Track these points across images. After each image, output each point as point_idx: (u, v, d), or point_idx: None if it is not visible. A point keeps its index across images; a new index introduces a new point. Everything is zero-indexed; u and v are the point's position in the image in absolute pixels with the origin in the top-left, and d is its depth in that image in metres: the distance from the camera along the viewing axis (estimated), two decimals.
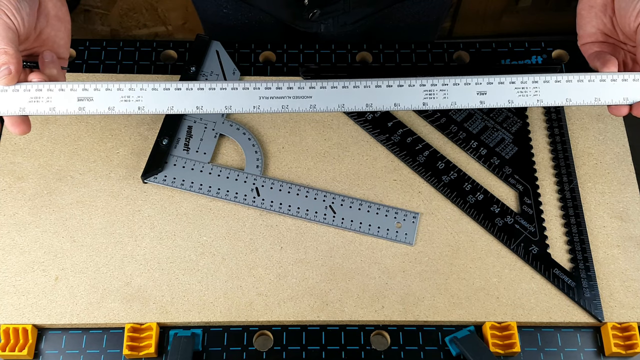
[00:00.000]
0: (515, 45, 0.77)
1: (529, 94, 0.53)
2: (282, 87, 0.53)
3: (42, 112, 0.52)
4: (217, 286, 0.63)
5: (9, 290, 0.62)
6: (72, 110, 0.52)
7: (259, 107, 0.53)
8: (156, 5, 1.48)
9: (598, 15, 0.55)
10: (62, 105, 0.52)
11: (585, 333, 0.63)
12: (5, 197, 0.66)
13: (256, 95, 0.53)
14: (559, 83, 0.53)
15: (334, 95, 0.53)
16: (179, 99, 0.53)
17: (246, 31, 0.83)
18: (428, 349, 0.62)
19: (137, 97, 0.53)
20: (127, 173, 0.68)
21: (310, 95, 0.53)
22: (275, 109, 0.53)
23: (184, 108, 0.53)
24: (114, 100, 0.53)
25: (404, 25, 0.84)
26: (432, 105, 0.53)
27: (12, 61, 0.50)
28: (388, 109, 0.54)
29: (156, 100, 0.53)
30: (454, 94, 0.53)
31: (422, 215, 0.67)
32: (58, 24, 0.55)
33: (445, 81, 0.53)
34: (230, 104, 0.53)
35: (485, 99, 0.53)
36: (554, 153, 0.71)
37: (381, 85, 0.54)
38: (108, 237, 0.65)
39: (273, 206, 0.67)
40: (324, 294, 0.64)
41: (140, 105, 0.53)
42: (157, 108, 0.53)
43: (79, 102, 0.53)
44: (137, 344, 0.61)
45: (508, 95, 0.53)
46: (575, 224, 0.67)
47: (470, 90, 0.53)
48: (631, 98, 0.53)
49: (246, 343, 0.62)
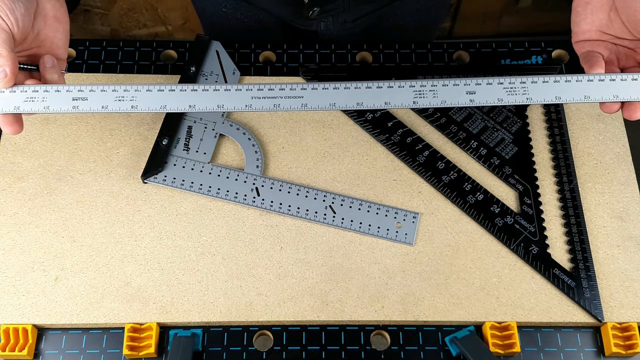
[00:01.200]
0: (515, 45, 0.77)
1: (518, 93, 0.54)
2: (274, 88, 0.54)
3: (36, 110, 0.52)
4: (217, 286, 0.63)
5: (9, 290, 0.62)
6: (66, 109, 0.53)
7: (251, 105, 0.54)
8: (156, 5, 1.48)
9: (594, 12, 0.55)
10: (57, 104, 0.53)
11: (585, 333, 0.63)
12: (5, 197, 0.66)
13: (248, 95, 0.54)
14: (547, 83, 0.54)
15: (325, 95, 0.54)
16: (172, 99, 0.54)
17: (246, 31, 0.83)
18: (428, 349, 0.62)
19: (131, 97, 0.54)
20: (127, 173, 0.68)
21: (301, 95, 0.54)
22: (267, 107, 0.54)
23: (176, 107, 0.54)
24: (108, 99, 0.53)
25: (404, 23, 0.84)
26: (422, 103, 0.54)
27: (7, 63, 0.50)
28: (379, 107, 0.54)
29: (149, 100, 0.54)
30: (443, 94, 0.54)
31: (422, 215, 0.67)
32: (56, 25, 0.55)
33: (435, 82, 0.54)
34: (223, 103, 0.54)
35: (474, 97, 0.54)
36: (554, 153, 0.71)
37: (371, 86, 0.55)
38: (108, 237, 0.65)
39: (273, 206, 0.67)
40: (324, 294, 0.64)
41: (134, 105, 0.53)
42: (150, 106, 0.54)
43: (73, 102, 0.53)
44: (137, 344, 0.61)
45: (497, 94, 0.54)
46: (575, 224, 0.67)
47: (459, 90, 0.54)
48: (621, 96, 0.53)
49: (246, 343, 0.62)
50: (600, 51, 0.55)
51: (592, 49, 0.55)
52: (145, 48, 0.76)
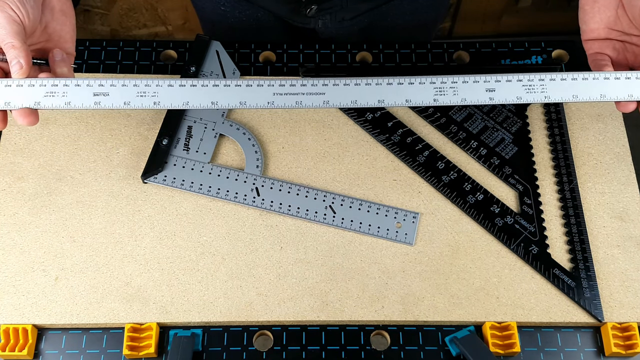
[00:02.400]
0: (515, 45, 0.77)
1: (537, 91, 0.54)
2: (295, 84, 0.54)
3: (57, 106, 0.52)
4: (217, 286, 0.63)
5: (9, 290, 0.62)
6: (88, 105, 0.52)
7: (273, 102, 0.54)
8: (156, 5, 1.48)
9: (602, 9, 0.55)
10: (78, 100, 0.52)
11: (585, 333, 0.63)
12: (5, 197, 0.66)
13: (270, 91, 0.54)
14: (565, 81, 0.54)
15: (346, 91, 0.54)
16: (194, 95, 0.53)
17: (244, 29, 0.83)
18: (428, 349, 0.62)
19: (153, 92, 0.53)
20: (127, 173, 0.68)
21: (323, 92, 0.54)
22: (289, 104, 0.54)
23: (199, 103, 0.53)
24: (130, 95, 0.53)
25: (402, 22, 0.84)
26: (443, 101, 0.54)
27: (21, 55, 0.50)
28: (400, 104, 0.54)
29: (171, 96, 0.53)
30: (464, 91, 0.54)
31: (422, 215, 0.67)
32: (63, 18, 0.56)
33: (455, 79, 0.55)
34: (245, 100, 0.54)
35: (494, 95, 0.54)
36: (554, 153, 0.71)
37: (392, 82, 0.54)
38: (108, 237, 0.65)
39: (273, 206, 0.67)
40: (324, 294, 0.64)
41: (156, 100, 0.53)
42: (173, 103, 0.53)
43: (94, 97, 0.53)
44: (137, 344, 0.61)
45: (516, 92, 0.54)
46: (575, 224, 0.67)
47: (478, 87, 0.54)
48: (635, 95, 0.54)
49: (246, 343, 0.62)
50: (608, 52, 0.55)
51: (600, 51, 0.56)
52: (145, 48, 0.76)
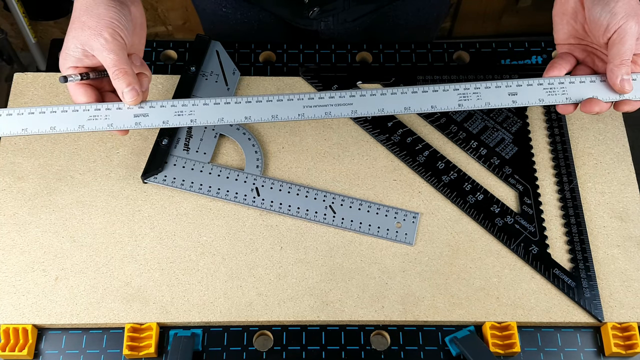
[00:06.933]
0: (515, 45, 0.77)
1: (557, 93, 0.56)
2: (324, 96, 0.56)
3: (100, 128, 0.54)
4: (217, 286, 0.63)
5: (9, 290, 0.62)
6: (129, 125, 0.55)
7: (303, 114, 0.56)
8: (156, 5, 1.48)
9: (569, 22, 0.57)
10: (120, 122, 0.55)
11: (585, 333, 0.63)
12: (5, 197, 0.66)
13: (300, 105, 0.56)
14: (583, 83, 0.56)
15: (373, 101, 0.56)
16: (228, 111, 0.56)
17: (246, 31, 0.83)
18: (428, 349, 0.62)
19: (190, 111, 0.55)
20: (127, 173, 0.68)
21: (350, 102, 0.56)
22: (318, 115, 0.56)
23: (233, 119, 0.56)
24: (168, 115, 0.55)
25: (404, 23, 0.84)
26: (467, 106, 0.56)
27: (135, 81, 0.53)
28: (426, 110, 0.56)
29: (207, 113, 0.55)
30: (487, 96, 0.56)
31: (422, 215, 0.67)
32: (141, 32, 0.57)
33: (477, 85, 0.56)
34: (277, 113, 0.56)
35: (516, 98, 0.56)
36: (554, 153, 0.71)
37: (417, 91, 0.56)
38: (108, 237, 0.65)
39: (273, 206, 0.67)
40: (324, 294, 0.64)
41: (193, 118, 0.55)
42: (209, 120, 0.55)
43: (135, 118, 0.55)
44: (137, 344, 0.61)
45: (538, 95, 0.56)
46: (575, 224, 0.67)
47: (501, 92, 0.56)
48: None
49: (246, 343, 0.62)
50: (576, 54, 0.58)
51: (569, 51, 0.58)
52: (145, 48, 0.75)
